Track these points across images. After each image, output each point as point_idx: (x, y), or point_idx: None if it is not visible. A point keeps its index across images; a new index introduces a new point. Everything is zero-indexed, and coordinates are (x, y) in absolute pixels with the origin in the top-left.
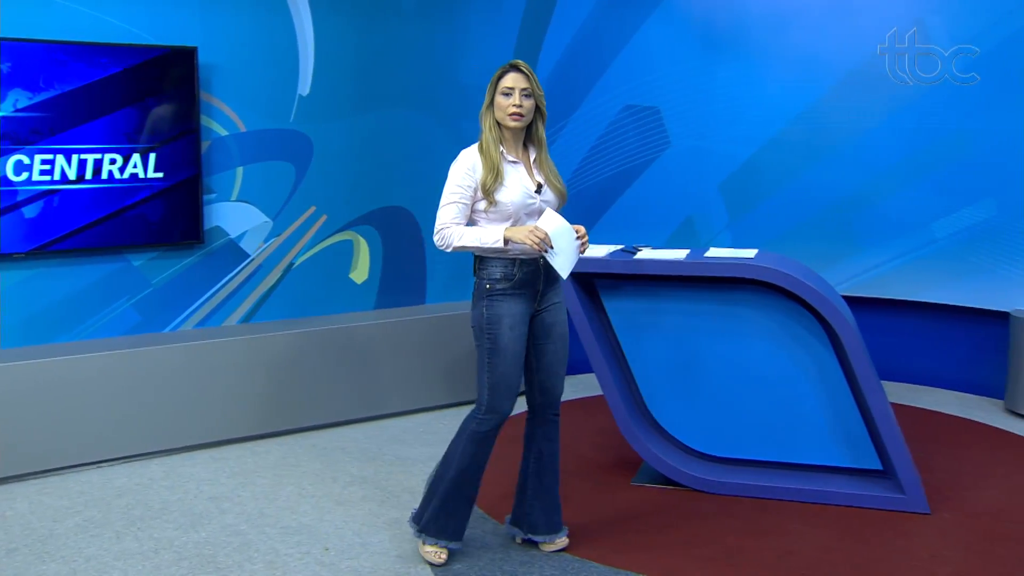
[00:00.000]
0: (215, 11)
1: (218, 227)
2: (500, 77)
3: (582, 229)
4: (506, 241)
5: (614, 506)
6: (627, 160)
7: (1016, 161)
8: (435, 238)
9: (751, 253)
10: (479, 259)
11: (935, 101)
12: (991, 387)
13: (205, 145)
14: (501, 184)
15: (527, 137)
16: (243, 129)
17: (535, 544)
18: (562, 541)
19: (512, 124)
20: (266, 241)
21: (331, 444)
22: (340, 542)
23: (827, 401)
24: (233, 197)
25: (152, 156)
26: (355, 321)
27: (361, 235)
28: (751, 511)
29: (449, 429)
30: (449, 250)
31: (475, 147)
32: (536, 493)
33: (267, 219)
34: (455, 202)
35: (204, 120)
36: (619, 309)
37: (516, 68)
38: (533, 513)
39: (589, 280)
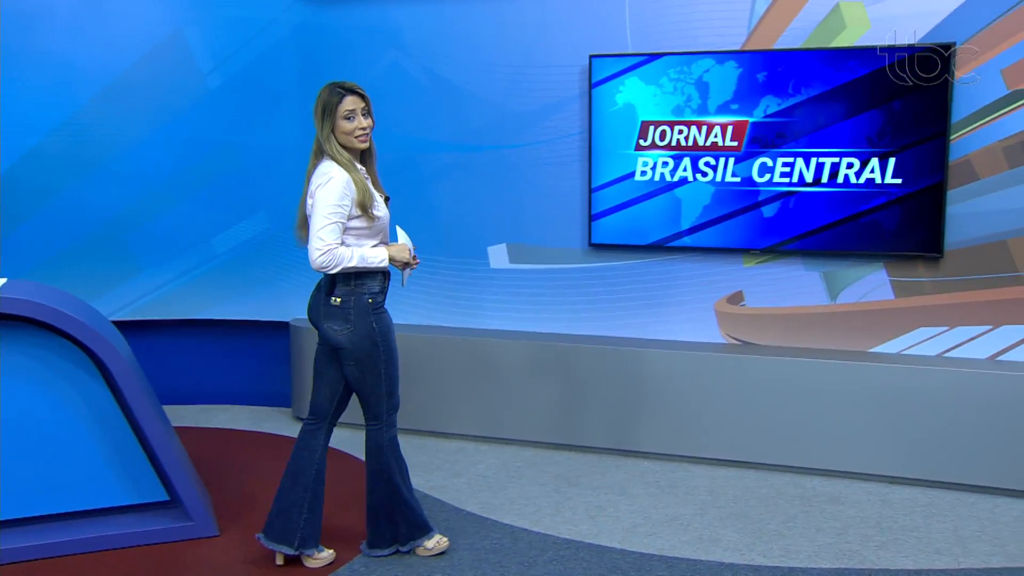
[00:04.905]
0: None
1: None
2: (338, 103)
3: None
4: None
5: None
6: None
7: (281, 174)
8: (321, 258)
9: None
10: (353, 276)
11: (201, 113)
12: (280, 396)
13: None
14: (374, 200)
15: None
16: None
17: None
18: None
19: (362, 145)
20: None
21: None
22: None
23: (103, 438)
24: None
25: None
26: None
27: None
28: None
29: None
30: (336, 270)
31: (336, 165)
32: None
33: None
34: (336, 222)
35: None
36: None
37: (352, 91)
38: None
39: None
